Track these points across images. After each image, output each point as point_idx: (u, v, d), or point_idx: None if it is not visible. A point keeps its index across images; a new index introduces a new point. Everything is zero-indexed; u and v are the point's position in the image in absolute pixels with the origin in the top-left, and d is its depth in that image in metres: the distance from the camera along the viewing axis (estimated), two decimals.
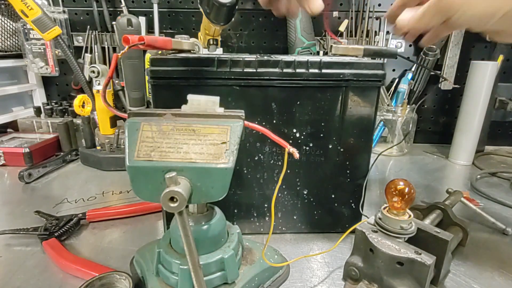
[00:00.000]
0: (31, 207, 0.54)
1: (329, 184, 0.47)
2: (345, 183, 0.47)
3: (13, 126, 0.90)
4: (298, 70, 0.41)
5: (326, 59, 0.42)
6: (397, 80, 0.92)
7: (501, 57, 0.81)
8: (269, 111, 0.43)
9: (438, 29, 0.36)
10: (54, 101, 0.96)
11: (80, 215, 0.51)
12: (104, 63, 0.90)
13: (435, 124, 0.99)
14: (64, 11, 0.89)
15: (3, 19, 0.86)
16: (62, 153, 0.78)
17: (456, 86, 0.57)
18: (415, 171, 0.77)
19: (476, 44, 0.90)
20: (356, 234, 0.37)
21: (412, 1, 0.39)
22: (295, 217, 0.48)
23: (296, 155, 0.28)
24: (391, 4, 0.41)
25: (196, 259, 0.28)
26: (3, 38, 0.86)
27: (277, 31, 0.92)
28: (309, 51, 0.84)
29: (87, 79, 0.73)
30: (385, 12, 0.86)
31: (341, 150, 0.45)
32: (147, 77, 0.73)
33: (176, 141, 0.29)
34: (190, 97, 0.31)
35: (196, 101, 0.31)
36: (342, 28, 0.87)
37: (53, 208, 0.55)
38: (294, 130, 0.44)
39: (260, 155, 0.45)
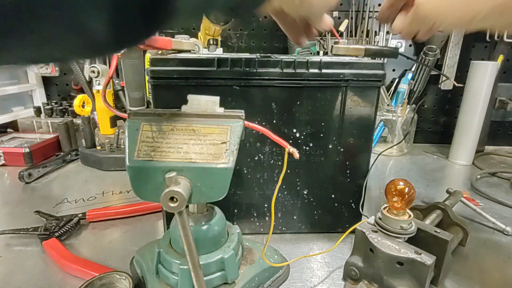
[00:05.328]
0: (31, 207, 0.54)
1: (329, 184, 0.47)
2: (345, 183, 0.47)
3: (13, 126, 0.90)
4: (298, 70, 0.41)
5: (326, 59, 0.42)
6: (397, 80, 0.91)
7: (501, 57, 0.81)
8: (269, 111, 0.43)
9: (428, 31, 0.39)
10: (54, 101, 0.96)
11: (80, 215, 0.51)
12: (104, 63, 0.90)
13: (435, 124, 0.99)
14: None
15: None
16: (62, 153, 0.78)
17: (460, 85, 0.57)
18: (415, 171, 0.77)
19: (476, 44, 0.90)
20: (356, 234, 0.37)
21: (398, 1, 0.40)
22: (295, 217, 0.48)
23: (296, 155, 0.28)
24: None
25: (196, 259, 0.28)
26: None
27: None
28: (309, 51, 0.84)
29: (87, 79, 0.74)
30: None
31: (341, 150, 0.45)
32: (147, 77, 0.73)
33: (176, 141, 0.29)
34: (190, 97, 0.31)
35: (196, 101, 0.31)
36: (342, 28, 0.87)
37: (53, 208, 0.55)
38: (294, 130, 0.44)
39: (260, 155, 0.45)
